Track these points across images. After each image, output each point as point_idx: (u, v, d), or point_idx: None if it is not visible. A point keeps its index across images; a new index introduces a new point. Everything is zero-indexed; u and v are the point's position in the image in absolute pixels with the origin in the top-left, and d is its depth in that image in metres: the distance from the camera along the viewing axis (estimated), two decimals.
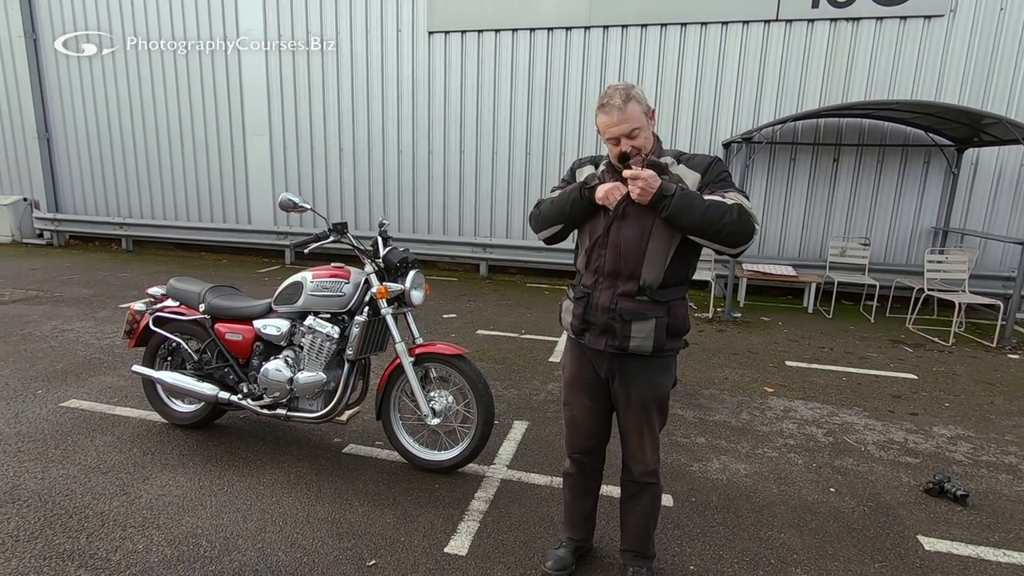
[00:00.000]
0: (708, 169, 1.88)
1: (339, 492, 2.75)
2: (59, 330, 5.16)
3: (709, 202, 1.75)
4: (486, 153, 8.48)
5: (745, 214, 1.76)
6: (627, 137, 1.83)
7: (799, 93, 7.34)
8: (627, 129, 1.82)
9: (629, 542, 2.18)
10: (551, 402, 3.93)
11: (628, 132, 1.82)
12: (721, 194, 1.80)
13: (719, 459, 3.22)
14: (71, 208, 10.43)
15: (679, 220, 1.77)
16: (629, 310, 1.89)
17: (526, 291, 7.71)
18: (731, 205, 1.75)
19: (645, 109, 1.85)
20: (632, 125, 1.81)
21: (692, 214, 1.74)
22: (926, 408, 4.08)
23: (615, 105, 1.81)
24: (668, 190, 1.76)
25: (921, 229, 7.35)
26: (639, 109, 1.82)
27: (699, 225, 1.76)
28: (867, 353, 5.34)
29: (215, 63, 9.15)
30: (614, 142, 1.86)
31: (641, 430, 2.03)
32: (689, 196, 1.76)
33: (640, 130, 1.84)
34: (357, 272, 2.95)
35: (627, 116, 1.81)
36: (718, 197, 1.78)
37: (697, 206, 1.74)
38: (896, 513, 2.74)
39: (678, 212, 1.75)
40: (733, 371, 4.72)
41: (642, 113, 1.84)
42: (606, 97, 1.84)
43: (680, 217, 1.76)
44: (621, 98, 1.80)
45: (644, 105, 1.85)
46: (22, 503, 2.55)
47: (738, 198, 1.79)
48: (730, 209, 1.74)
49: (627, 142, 1.84)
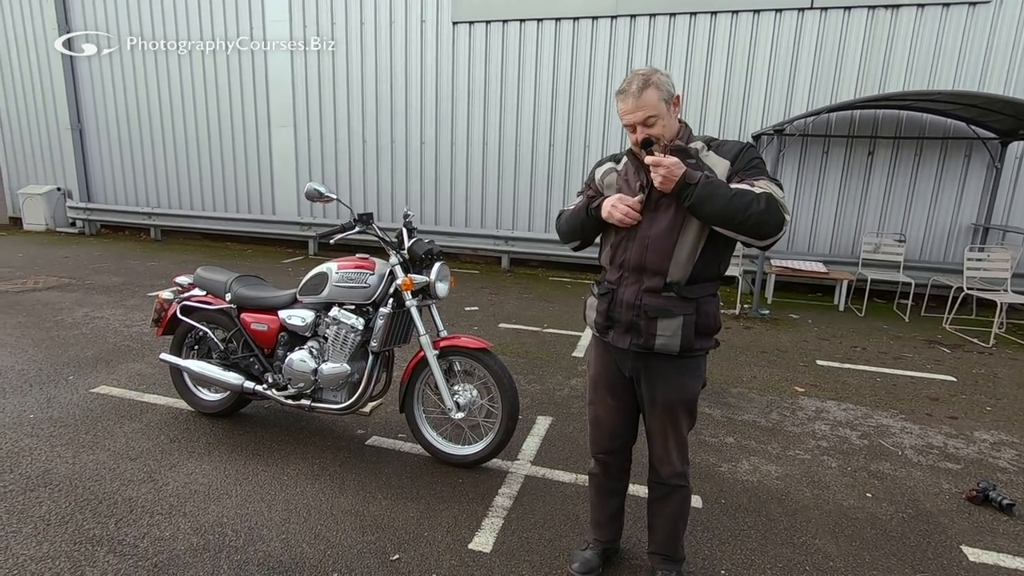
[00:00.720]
0: (739, 156, 1.77)
1: (362, 484, 2.74)
2: (90, 317, 5.26)
3: (734, 191, 1.65)
4: (509, 146, 8.41)
5: (774, 204, 1.65)
6: (643, 125, 1.75)
7: (833, 84, 7.10)
8: (642, 117, 1.73)
9: (657, 544, 2.11)
10: (575, 398, 3.87)
11: (643, 120, 1.74)
12: (750, 182, 1.70)
13: (749, 460, 3.13)
14: (102, 198, 10.66)
15: (701, 209, 1.67)
16: (655, 307, 1.81)
17: (548, 284, 7.64)
18: (759, 194, 1.65)
19: (666, 96, 1.75)
20: (647, 113, 1.73)
21: (715, 203, 1.64)
22: (966, 412, 3.92)
23: (631, 92, 1.74)
24: (692, 178, 1.67)
25: (960, 226, 7.08)
26: (656, 96, 1.73)
27: (722, 215, 1.66)
28: (902, 353, 5.16)
29: (241, 56, 9.22)
30: (631, 129, 1.79)
31: (666, 433, 1.95)
32: (713, 184, 1.66)
33: (658, 118, 1.74)
34: (382, 263, 2.92)
35: (643, 103, 1.73)
36: (746, 186, 1.68)
37: (721, 195, 1.65)
38: (937, 521, 2.63)
39: (700, 201, 1.65)
40: (762, 369, 4.60)
41: (660, 100, 1.74)
42: (624, 83, 1.77)
43: (703, 206, 1.66)
44: (638, 85, 1.73)
45: (665, 91, 1.75)
46: (53, 487, 2.59)
47: (768, 187, 1.68)
48: (757, 198, 1.64)
49: (643, 130, 1.75)
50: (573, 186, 8.26)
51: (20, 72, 10.45)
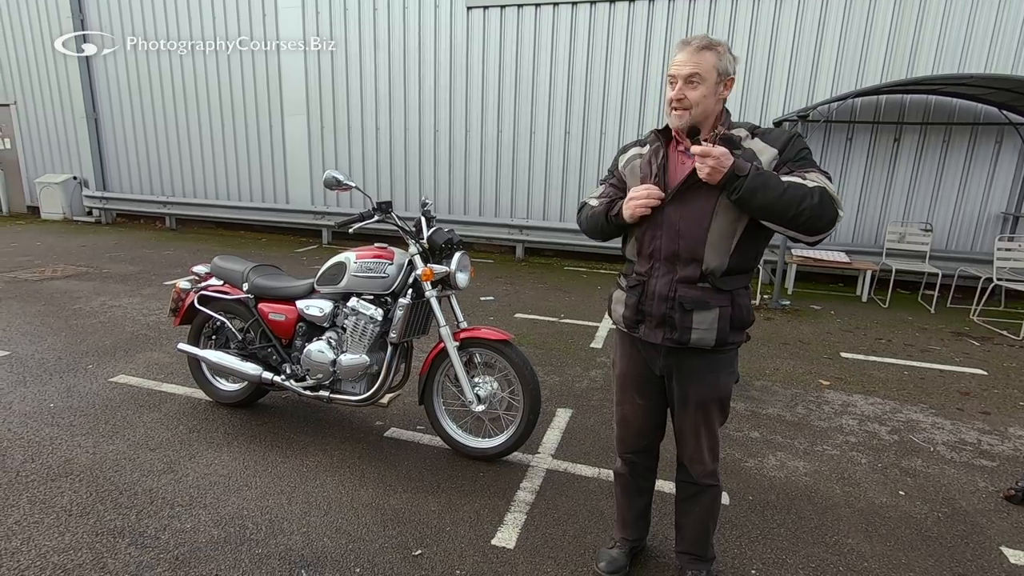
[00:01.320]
0: (787, 145, 1.67)
1: (382, 477, 2.70)
2: (107, 306, 5.27)
3: (787, 184, 1.56)
4: (524, 133, 8.29)
5: (828, 199, 1.56)
6: (685, 81, 1.64)
7: (859, 68, 6.88)
8: (687, 72, 1.63)
9: (686, 544, 2.05)
10: (594, 390, 3.81)
11: (687, 75, 1.63)
12: (801, 174, 1.61)
13: (775, 455, 3.05)
14: (118, 187, 10.70)
15: (751, 203, 1.58)
16: (690, 298, 1.72)
17: (563, 274, 7.56)
18: (812, 188, 1.56)
19: (722, 68, 1.65)
20: (694, 70, 1.62)
21: (767, 196, 1.55)
22: (999, 407, 3.80)
23: (692, 45, 1.64)
24: (741, 169, 1.57)
25: (989, 214, 6.87)
26: (712, 61, 1.63)
27: (774, 209, 1.57)
28: (929, 346, 5.03)
29: (253, 44, 9.14)
30: (672, 81, 1.68)
31: (699, 431, 1.88)
32: (764, 176, 1.57)
33: (700, 82, 1.63)
34: (401, 253, 2.86)
35: (696, 59, 1.63)
36: (797, 178, 1.59)
37: (773, 187, 1.55)
38: (975, 521, 2.54)
39: (751, 194, 1.56)
40: (784, 362, 4.50)
41: (713, 67, 1.63)
42: (689, 37, 1.68)
43: (753, 199, 1.57)
44: (702, 42, 1.64)
45: (723, 64, 1.65)
46: (74, 478, 2.59)
47: (820, 180, 1.59)
48: (811, 192, 1.55)
49: (680, 88, 1.65)
50: (589, 174, 8.14)
51: (36, 60, 10.48)
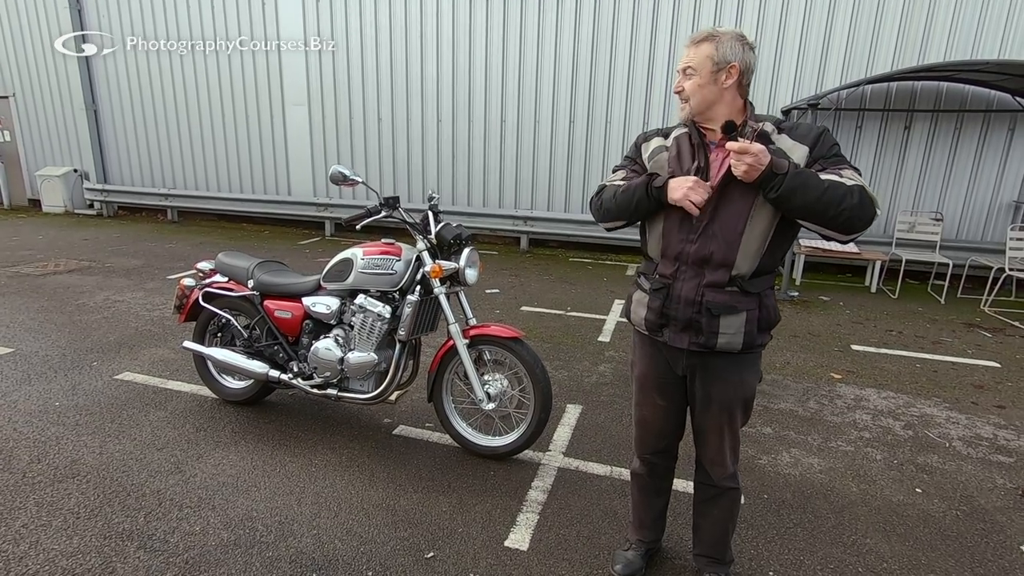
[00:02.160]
0: (818, 141, 1.61)
1: (392, 477, 2.67)
2: (111, 301, 5.24)
3: (827, 183, 1.51)
4: (528, 122, 8.18)
5: (867, 198, 1.52)
6: (682, 73, 1.67)
7: (869, 54, 6.76)
8: (683, 64, 1.67)
9: (704, 546, 2.02)
10: (604, 385, 3.76)
11: (682, 67, 1.67)
12: (836, 172, 1.56)
13: (789, 452, 3.01)
14: (119, 179, 10.63)
15: (790, 202, 1.53)
16: (718, 303, 1.66)
17: (568, 265, 7.50)
18: (851, 187, 1.51)
19: (718, 57, 1.58)
20: (688, 63, 1.65)
21: (807, 196, 1.50)
22: (1014, 400, 3.75)
23: (693, 40, 1.66)
24: (780, 167, 1.51)
25: (1001, 203, 6.78)
26: (707, 52, 1.60)
27: (814, 208, 1.52)
28: (940, 337, 4.97)
29: (254, 34, 9.02)
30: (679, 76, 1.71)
31: (722, 432, 1.84)
32: (804, 175, 1.52)
33: (694, 74, 1.63)
34: (408, 249, 2.81)
35: (692, 52, 1.65)
36: (835, 176, 1.54)
37: (813, 187, 1.50)
38: (994, 519, 2.50)
39: (791, 193, 1.50)
40: (795, 355, 4.46)
41: (707, 57, 1.59)
42: (696, 33, 1.69)
43: (792, 199, 1.51)
44: (700, 36, 1.64)
45: (721, 53, 1.58)
46: (81, 479, 2.56)
47: (856, 178, 1.55)
48: (851, 191, 1.51)
49: (680, 79, 1.68)
50: (594, 164, 8.05)
51: (34, 51, 10.36)
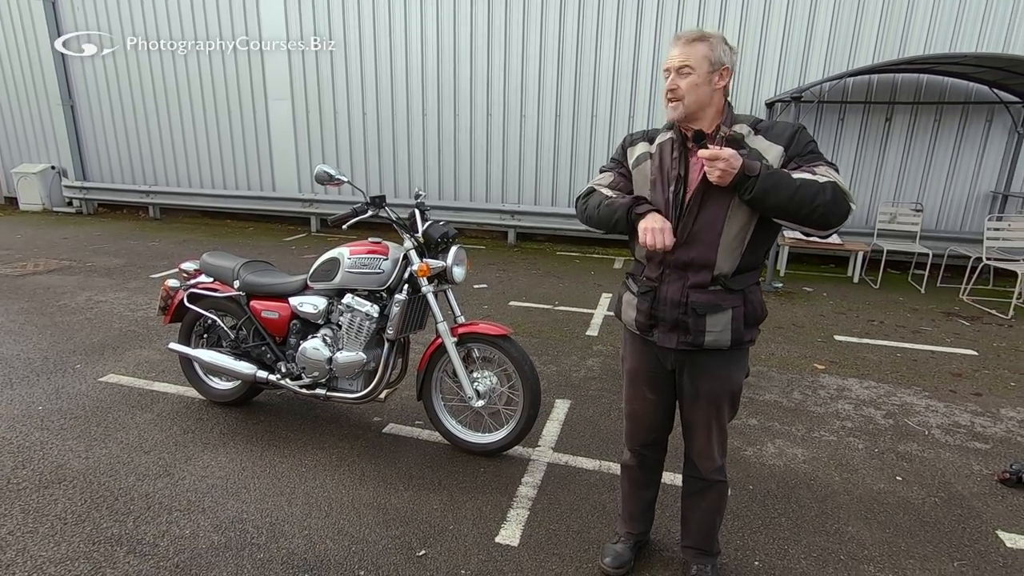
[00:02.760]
0: (793, 140, 1.64)
1: (382, 475, 2.68)
2: (93, 301, 5.16)
3: (799, 181, 1.54)
4: (514, 116, 8.16)
5: (840, 193, 1.55)
6: (676, 72, 1.63)
7: (851, 47, 6.83)
8: (678, 63, 1.62)
9: (692, 538, 2.06)
10: (592, 379, 3.80)
11: (679, 66, 1.62)
12: (810, 169, 1.59)
13: (774, 443, 3.07)
14: (98, 176, 10.44)
15: (764, 203, 1.56)
16: (703, 303, 1.70)
17: (556, 259, 7.52)
18: (824, 183, 1.54)
19: (715, 59, 1.61)
20: (685, 61, 1.61)
21: (779, 196, 1.53)
22: (990, 388, 3.85)
23: (684, 38, 1.63)
24: (752, 169, 1.54)
25: (978, 194, 6.91)
26: (704, 52, 1.61)
27: (787, 208, 1.55)
28: (920, 327, 5.07)
29: (235, 26, 8.87)
30: (666, 75, 1.67)
31: (710, 426, 1.88)
32: (775, 176, 1.54)
33: (691, 72, 1.61)
34: (395, 248, 2.80)
35: (688, 51, 1.61)
36: (807, 174, 1.56)
37: (785, 187, 1.53)
38: (971, 505, 2.58)
39: (763, 194, 1.53)
40: (779, 346, 4.53)
41: (704, 57, 1.61)
42: (681, 31, 1.68)
43: (765, 200, 1.55)
44: (694, 34, 1.63)
45: (716, 54, 1.61)
46: (68, 484, 2.53)
47: (830, 174, 1.57)
48: (823, 189, 1.53)
49: (674, 78, 1.63)
50: (580, 158, 8.06)
51: (7, 46, 10.10)
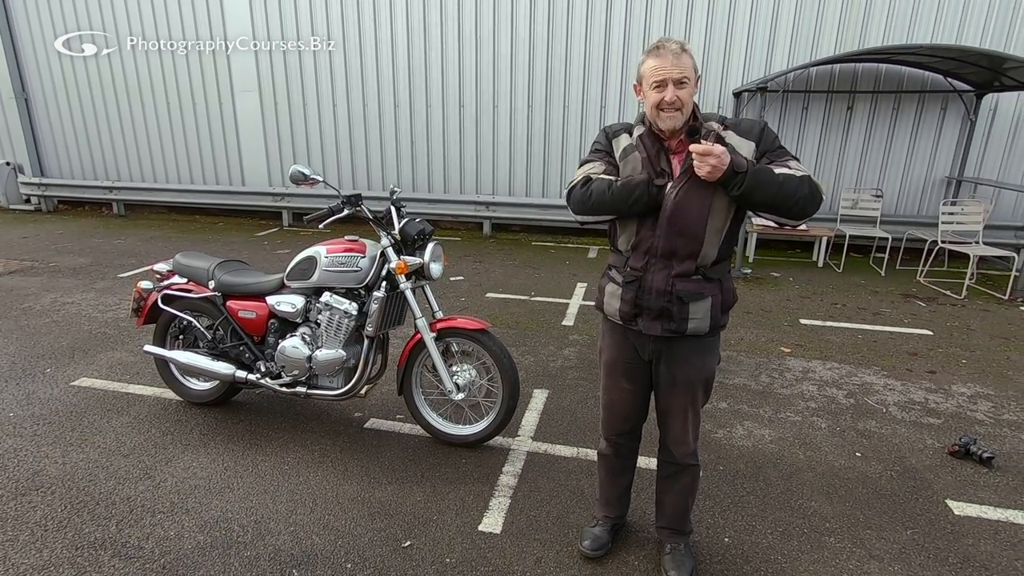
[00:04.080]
0: (762, 136, 1.76)
1: (366, 470, 2.73)
2: (59, 303, 5.04)
3: (782, 176, 1.66)
4: (486, 106, 8.15)
5: (815, 187, 1.69)
6: (676, 84, 1.67)
7: (814, 39, 7.00)
8: (678, 75, 1.67)
9: (666, 519, 2.17)
10: (569, 368, 3.89)
11: (679, 78, 1.67)
12: (784, 163, 1.71)
13: (743, 425, 3.21)
14: (57, 172, 10.07)
15: (752, 197, 1.67)
16: (688, 291, 1.80)
17: (531, 250, 7.59)
18: (801, 177, 1.67)
19: (695, 68, 1.72)
20: (684, 73, 1.68)
21: (767, 191, 1.65)
22: (943, 366, 4.07)
23: (671, 50, 1.68)
24: (740, 166, 1.64)
25: (934, 179, 7.20)
26: (691, 63, 1.70)
27: (773, 202, 1.67)
28: (880, 308, 5.30)
29: (196, 14, 8.63)
30: (659, 87, 1.69)
31: (686, 412, 1.98)
32: (761, 172, 1.65)
33: (688, 83, 1.69)
34: (372, 245, 2.83)
35: (681, 63, 1.68)
36: (785, 169, 1.68)
37: (771, 182, 1.65)
38: (923, 477, 2.75)
39: (752, 189, 1.64)
40: (748, 331, 4.69)
41: (693, 68, 1.71)
42: (660, 43, 1.70)
43: (754, 194, 1.66)
44: (677, 45, 1.69)
45: (695, 64, 1.73)
46: (46, 490, 2.52)
47: (802, 168, 1.70)
48: (802, 182, 1.66)
49: (673, 90, 1.68)
50: (554, 148, 8.11)
51: None
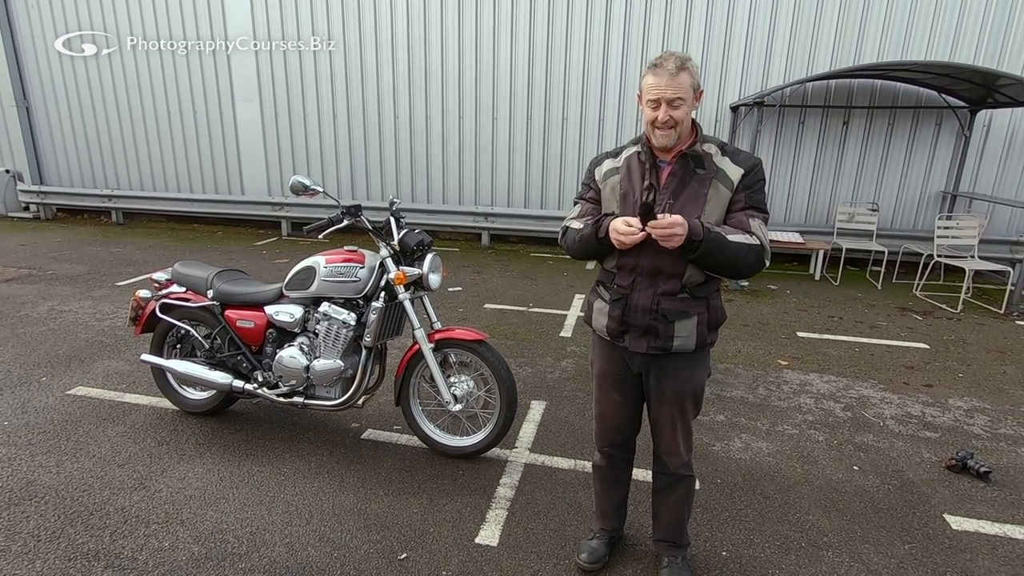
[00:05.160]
0: (751, 171, 1.79)
1: (362, 481, 2.71)
2: (56, 311, 5.02)
3: (735, 245, 1.71)
4: (486, 119, 8.22)
5: (761, 257, 1.77)
6: (669, 104, 1.71)
7: (810, 54, 7.09)
8: (672, 95, 1.70)
9: (663, 532, 2.16)
10: (567, 380, 3.89)
11: (672, 98, 1.70)
12: (748, 222, 1.76)
13: (740, 437, 3.21)
14: (56, 180, 10.09)
15: (703, 262, 1.75)
16: (672, 310, 1.81)
17: (529, 261, 7.61)
18: (752, 246, 1.73)
19: (695, 84, 1.74)
20: (678, 93, 1.70)
21: (719, 258, 1.72)
22: (940, 379, 4.08)
23: (667, 69, 1.70)
24: (697, 234, 1.68)
25: (930, 194, 7.26)
26: (689, 82, 1.72)
27: (720, 267, 1.77)
28: (877, 322, 5.32)
29: (199, 24, 8.70)
30: (654, 105, 1.73)
31: (675, 424, 1.99)
32: (716, 241, 1.70)
33: (683, 102, 1.72)
34: (371, 255, 2.83)
35: (676, 82, 1.70)
36: (741, 237, 1.73)
37: (722, 250, 1.71)
38: (920, 491, 2.75)
39: (704, 257, 1.71)
40: (745, 343, 4.70)
41: (691, 86, 1.72)
42: (660, 59, 1.72)
43: (706, 260, 1.74)
44: (675, 64, 1.70)
45: (695, 80, 1.74)
46: (39, 500, 2.50)
47: (760, 229, 1.76)
48: (750, 251, 1.74)
49: (666, 110, 1.72)
50: (552, 160, 8.16)
51: None
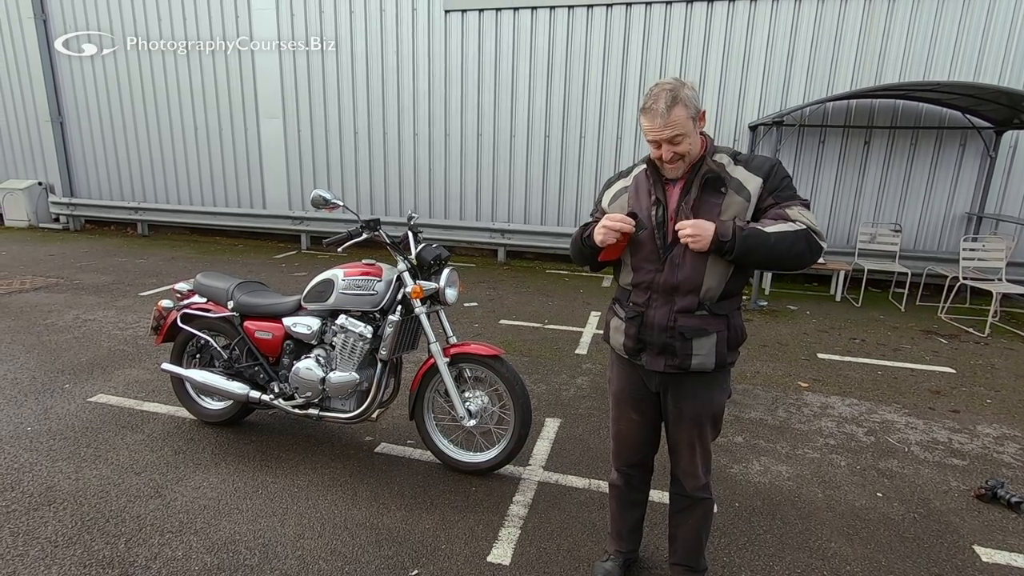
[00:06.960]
0: (771, 174, 1.74)
1: (375, 495, 2.70)
2: (81, 320, 5.14)
3: (774, 236, 1.65)
4: (504, 136, 8.30)
5: (814, 239, 1.68)
6: (669, 142, 1.70)
7: (830, 74, 7.07)
8: (669, 135, 1.68)
9: (679, 556, 2.11)
10: (582, 398, 3.85)
11: (670, 138, 1.69)
12: (784, 211, 1.70)
13: (759, 460, 3.14)
14: (86, 192, 10.40)
15: (747, 260, 1.69)
16: (690, 327, 1.78)
17: (545, 277, 7.61)
18: (798, 232, 1.66)
19: (693, 112, 1.69)
20: (675, 132, 1.68)
21: (760, 253, 1.67)
22: (967, 405, 3.96)
23: (658, 111, 1.67)
24: (725, 234, 1.66)
25: (954, 215, 7.13)
26: (684, 114, 1.67)
27: (767, 262, 1.72)
28: (900, 345, 5.20)
29: (227, 45, 8.97)
30: (655, 145, 1.74)
31: (693, 446, 1.94)
32: (751, 238, 1.65)
33: (684, 136, 1.69)
34: (389, 269, 2.86)
35: (670, 122, 1.66)
36: (782, 223, 1.67)
37: (762, 243, 1.65)
38: (948, 520, 2.66)
39: (745, 253, 1.67)
40: (764, 364, 4.62)
41: (688, 118, 1.68)
42: (650, 99, 1.69)
43: (748, 258, 1.68)
44: (666, 103, 1.65)
45: (692, 108, 1.69)
46: (58, 506, 2.53)
47: (803, 215, 1.69)
48: (797, 237, 1.66)
49: (668, 148, 1.71)
50: (569, 177, 8.20)
51: None
